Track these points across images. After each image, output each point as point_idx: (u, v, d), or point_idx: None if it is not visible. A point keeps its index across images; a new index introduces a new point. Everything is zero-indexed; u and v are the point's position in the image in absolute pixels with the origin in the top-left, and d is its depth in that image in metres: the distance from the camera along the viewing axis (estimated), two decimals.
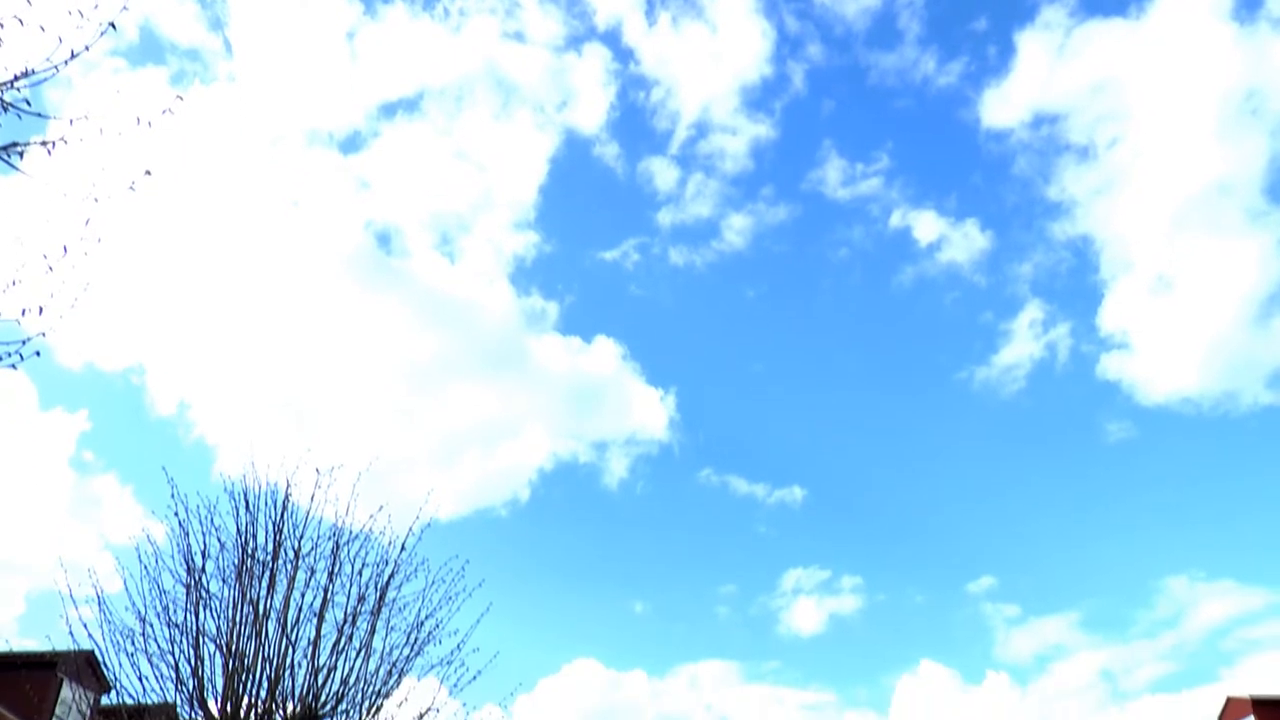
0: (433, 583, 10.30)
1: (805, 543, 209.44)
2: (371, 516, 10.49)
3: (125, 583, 9.91)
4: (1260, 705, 25.51)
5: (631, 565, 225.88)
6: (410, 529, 10.50)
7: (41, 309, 5.62)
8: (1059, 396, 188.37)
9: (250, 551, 9.88)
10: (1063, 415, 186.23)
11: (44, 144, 5.77)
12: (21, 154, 5.71)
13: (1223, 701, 26.82)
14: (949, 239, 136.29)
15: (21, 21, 5.53)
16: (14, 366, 5.71)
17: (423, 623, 10.15)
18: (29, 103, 5.70)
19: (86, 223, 5.79)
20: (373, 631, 10.02)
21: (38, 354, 5.68)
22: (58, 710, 22.07)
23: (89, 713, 22.71)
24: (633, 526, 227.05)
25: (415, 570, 10.41)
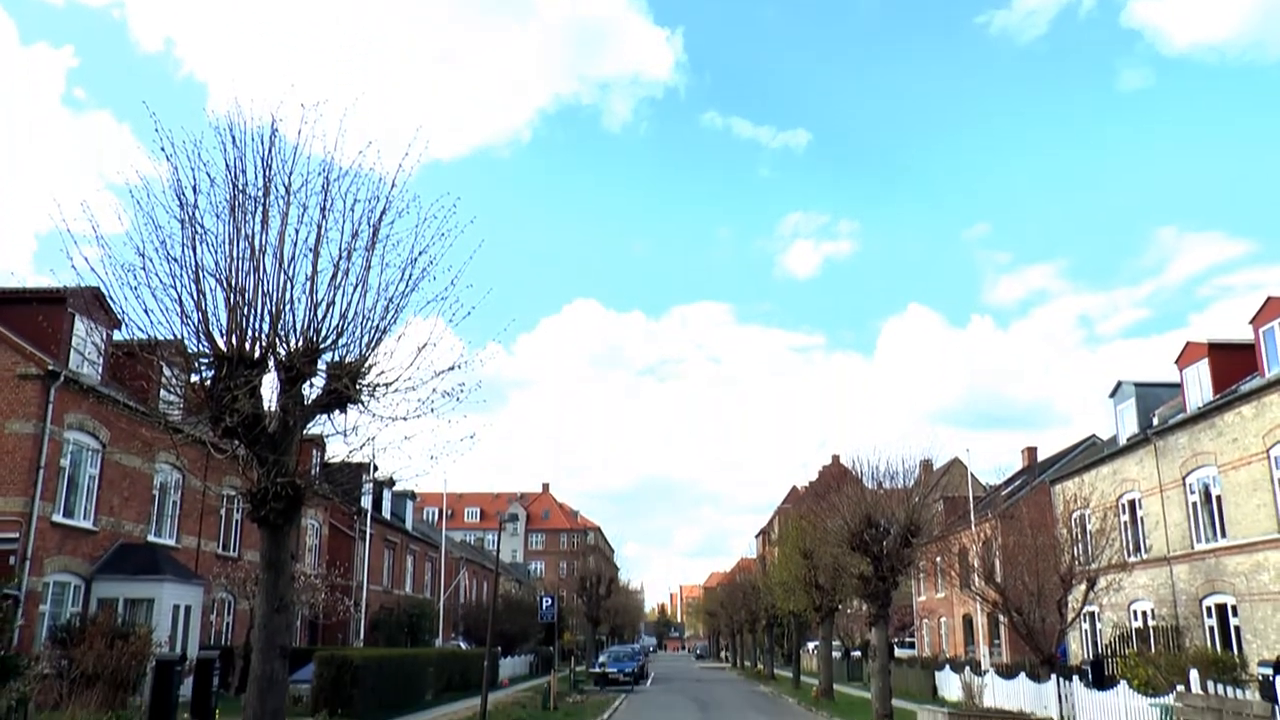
0: (425, 219, 10.46)
1: (806, 187, 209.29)
2: (360, 153, 10.48)
3: (122, 220, 10.04)
4: (1216, 349, 26.92)
5: (632, 207, 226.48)
6: (401, 165, 10.51)
7: None
8: (1079, 43, 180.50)
9: (241, 187, 9.94)
10: (1079, 63, 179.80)
11: None
12: None
13: (1182, 346, 28.27)
14: None
15: None
16: None
17: (416, 259, 10.45)
18: None
19: None
20: (368, 267, 10.31)
21: None
22: (74, 344, 23.15)
23: (103, 345, 23.82)
24: (634, 169, 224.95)
25: (408, 206, 10.53)
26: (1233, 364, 26.40)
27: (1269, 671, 17.70)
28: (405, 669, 28.29)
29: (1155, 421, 29.21)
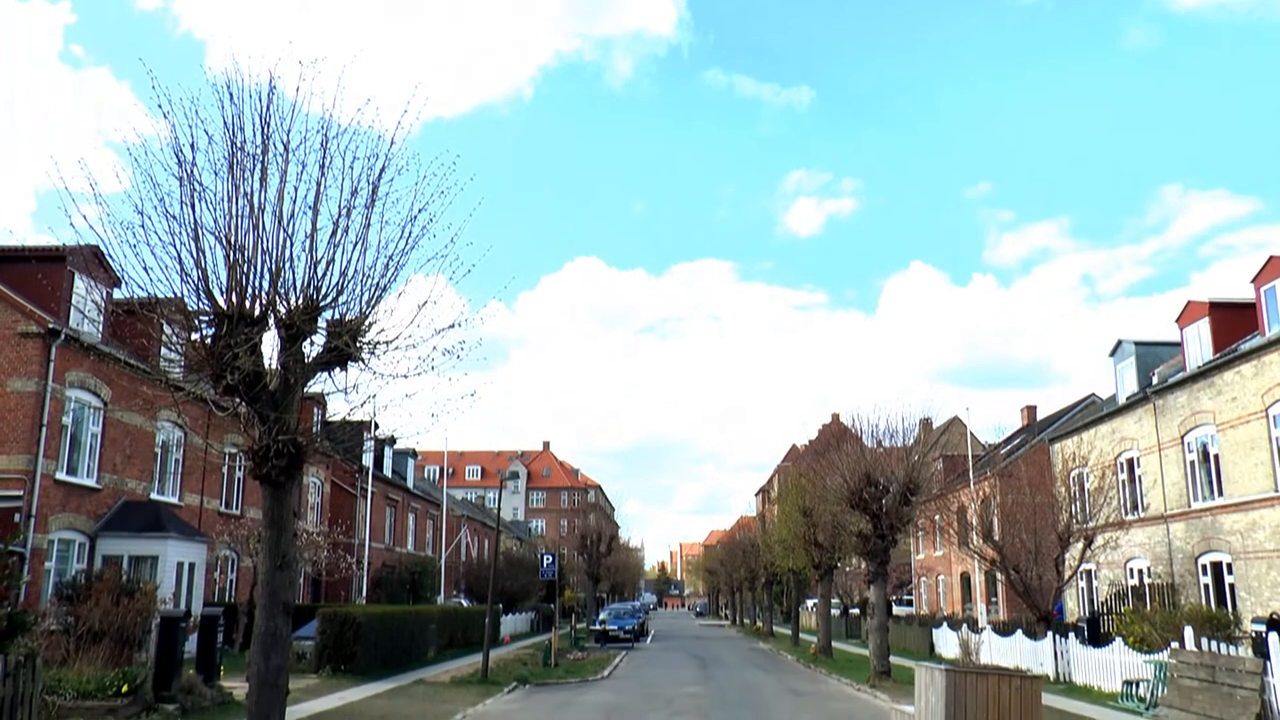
0: (425, 177, 10.40)
1: (809, 145, 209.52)
2: (359, 110, 10.41)
3: (120, 178, 10.00)
4: (1216, 308, 26.90)
5: (634, 165, 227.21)
6: (400, 122, 10.44)
7: None
8: (1084, 1, 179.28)
9: (239, 145, 9.88)
10: (1086, 20, 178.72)
11: None
12: None
13: (1183, 305, 28.25)
14: None
15: None
16: None
17: (416, 216, 10.40)
18: None
19: None
20: (368, 225, 10.26)
21: None
22: (74, 302, 23.14)
23: (103, 304, 23.80)
24: (637, 127, 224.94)
25: (407, 164, 10.48)
26: (1233, 323, 26.40)
27: (1262, 628, 17.92)
28: (408, 626, 28.56)
29: (1155, 380, 29.25)
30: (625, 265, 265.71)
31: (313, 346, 10.81)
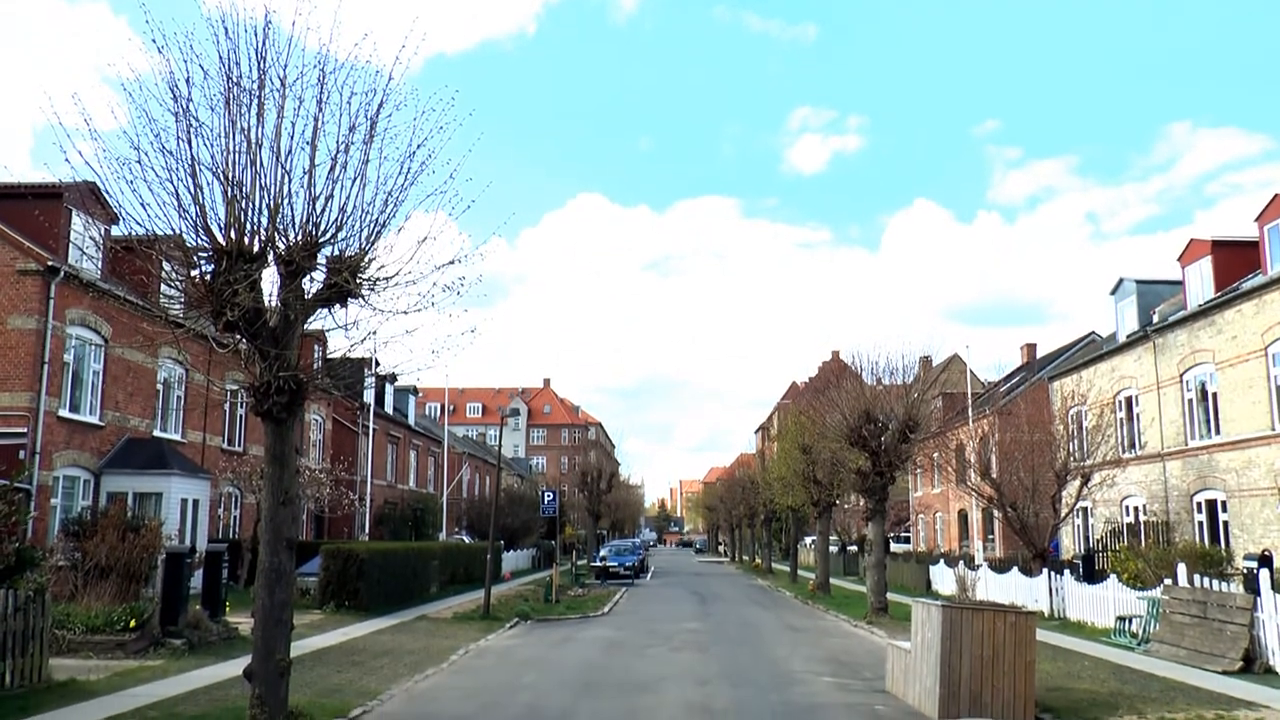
0: (423, 112, 10.29)
1: (815, 81, 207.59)
2: (356, 45, 10.25)
3: (116, 115, 9.88)
4: (1219, 247, 26.77)
5: (639, 102, 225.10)
6: (398, 57, 10.30)
7: None
8: None
9: (235, 80, 9.75)
10: None
11: None
12: None
13: (1185, 243, 28.11)
14: None
15: None
16: None
17: (415, 152, 10.30)
18: None
19: None
20: (366, 161, 10.16)
21: None
22: (72, 239, 23.05)
23: (101, 240, 23.70)
24: (642, 63, 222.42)
25: (405, 100, 10.36)
26: (1236, 261, 26.29)
27: (1253, 565, 18.11)
28: (410, 562, 28.88)
29: (1155, 319, 29.23)
30: (629, 202, 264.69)
31: (312, 283, 10.77)
